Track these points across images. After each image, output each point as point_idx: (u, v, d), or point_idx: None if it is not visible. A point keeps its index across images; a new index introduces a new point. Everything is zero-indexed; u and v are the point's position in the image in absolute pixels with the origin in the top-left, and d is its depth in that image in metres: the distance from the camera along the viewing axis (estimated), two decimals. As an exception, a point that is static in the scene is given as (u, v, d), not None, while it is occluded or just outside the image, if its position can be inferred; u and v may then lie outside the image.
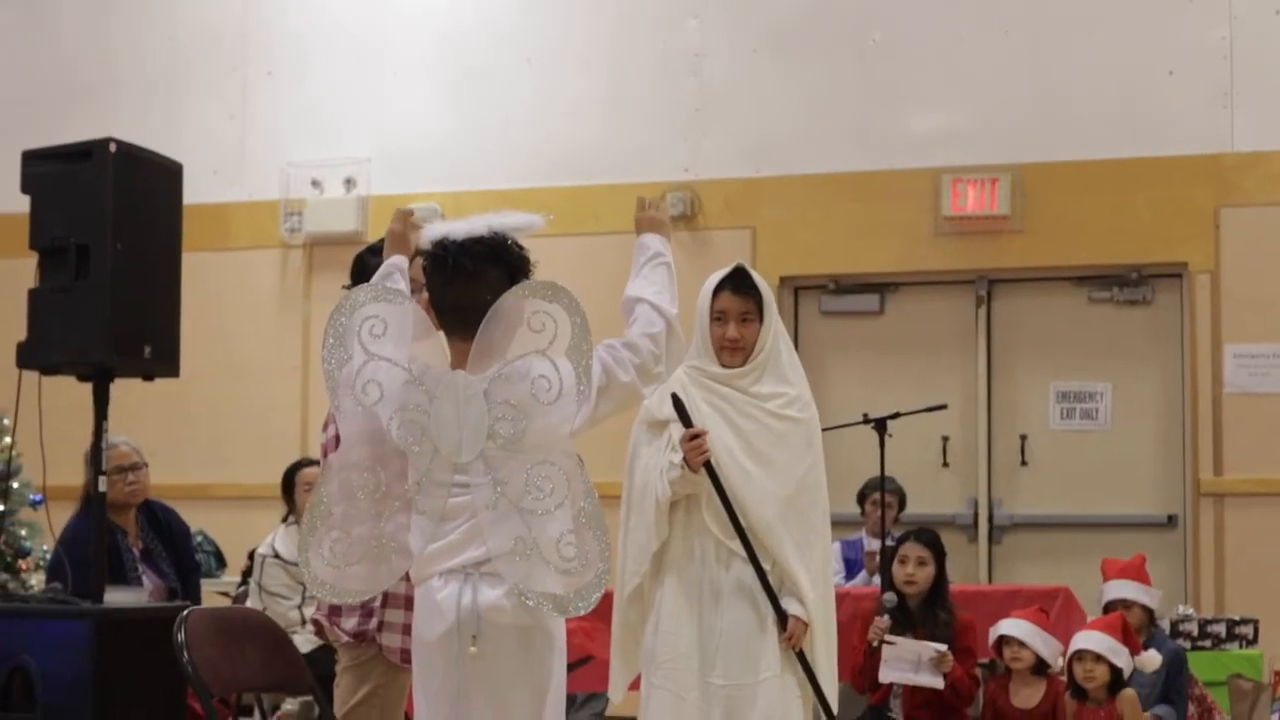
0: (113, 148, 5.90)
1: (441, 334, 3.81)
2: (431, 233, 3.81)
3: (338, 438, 4.40)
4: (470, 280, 3.72)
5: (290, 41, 10.58)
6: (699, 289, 5.13)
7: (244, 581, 8.43)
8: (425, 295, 3.89)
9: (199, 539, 9.19)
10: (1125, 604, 7.22)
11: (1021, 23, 9.54)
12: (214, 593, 8.78)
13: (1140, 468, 9.39)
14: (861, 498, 8.67)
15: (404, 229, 4.08)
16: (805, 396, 5.14)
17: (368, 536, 3.75)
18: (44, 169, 6.00)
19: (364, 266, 4.79)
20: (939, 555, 6.95)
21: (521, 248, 3.80)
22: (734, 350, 5.07)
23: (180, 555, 7.47)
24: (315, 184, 10.33)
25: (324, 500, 3.76)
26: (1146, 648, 6.89)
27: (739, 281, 5.09)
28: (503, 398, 3.64)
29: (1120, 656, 6.53)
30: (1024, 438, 9.52)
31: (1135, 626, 7.01)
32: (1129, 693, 6.58)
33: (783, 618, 4.97)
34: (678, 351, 3.97)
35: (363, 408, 3.73)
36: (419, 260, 3.95)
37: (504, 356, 3.67)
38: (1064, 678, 6.71)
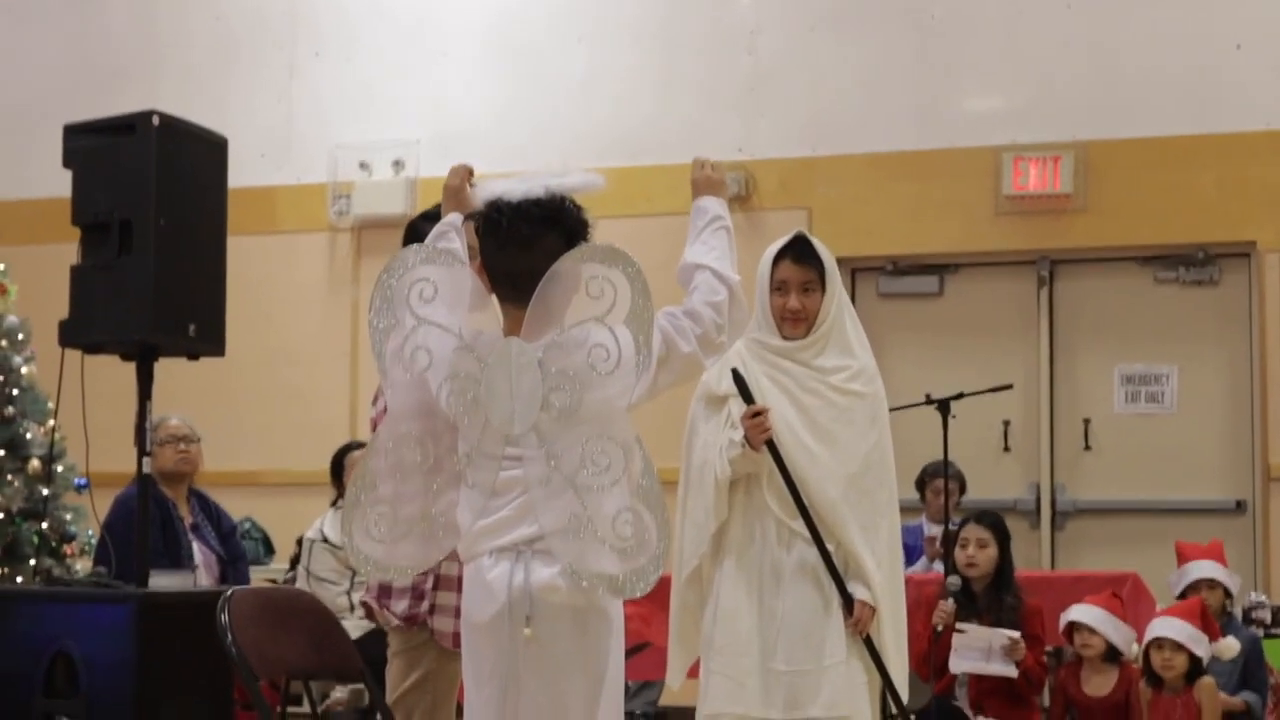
0: (156, 120, 5.80)
1: (494, 298, 3.63)
2: (485, 192, 3.63)
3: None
4: (525, 245, 3.53)
5: (338, 22, 10.46)
6: (754, 270, 4.95)
7: (292, 568, 8.33)
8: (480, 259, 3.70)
9: (247, 525, 9.12)
10: (1210, 584, 7.02)
11: (1083, -3, 9.35)
12: (262, 579, 8.70)
13: (1207, 452, 9.16)
14: (921, 483, 8.51)
15: (462, 184, 3.86)
16: (871, 369, 4.96)
17: (415, 512, 3.59)
18: (86, 143, 5.89)
19: (416, 234, 4.62)
20: (1001, 538, 6.81)
21: (580, 209, 3.61)
22: (796, 321, 4.90)
23: (225, 546, 7.39)
24: (363, 166, 10.20)
25: (369, 474, 3.59)
26: (1222, 635, 6.70)
27: (800, 250, 4.92)
28: (558, 366, 3.45)
29: (1200, 645, 6.36)
30: (1087, 422, 9.31)
31: (1213, 610, 6.83)
32: (1207, 681, 6.40)
33: (849, 601, 4.79)
34: (740, 320, 3.77)
35: (411, 376, 3.56)
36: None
37: (560, 323, 3.49)
38: (1137, 665, 6.52)
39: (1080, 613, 6.58)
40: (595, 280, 3.46)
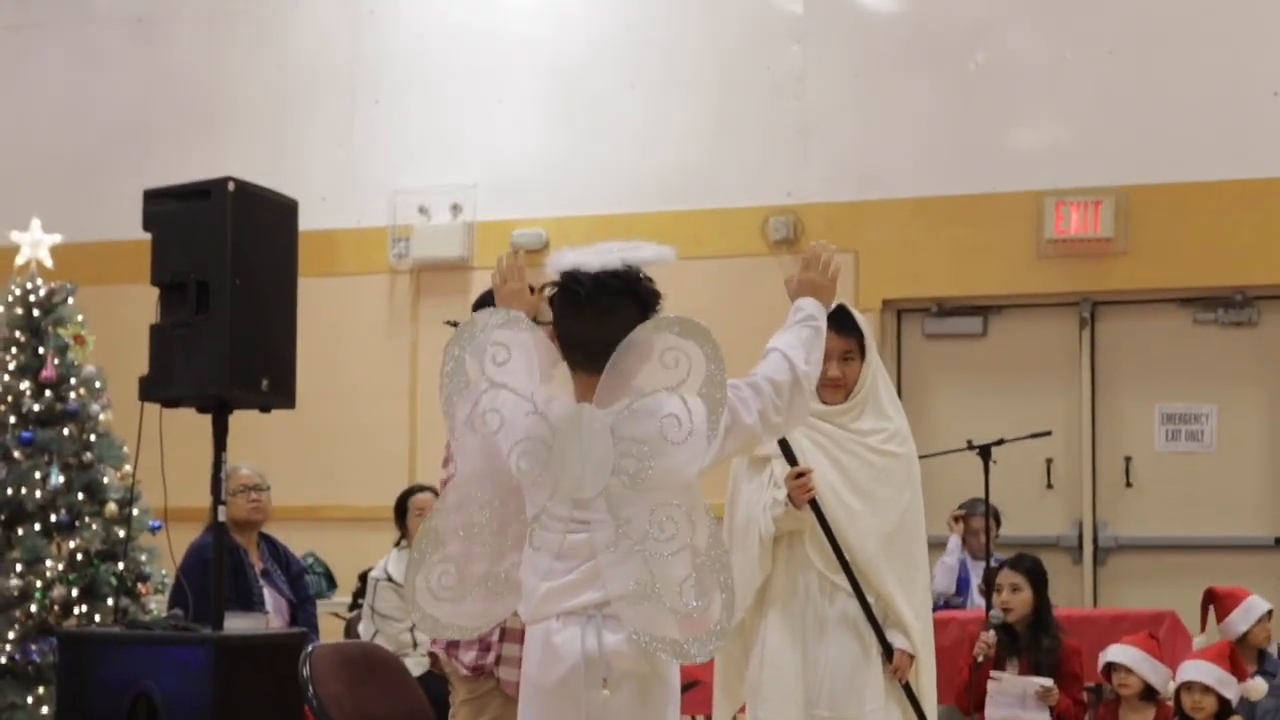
0: (231, 186, 6.05)
1: (565, 365, 3.70)
2: (561, 262, 3.69)
3: (456, 475, 4.44)
4: (603, 315, 3.61)
5: (397, 70, 10.72)
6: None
7: (355, 604, 8.56)
8: (550, 325, 3.76)
9: (309, 560, 9.36)
10: (1270, 615, 7.23)
11: (1124, 45, 9.53)
12: (325, 614, 8.91)
13: (1246, 490, 9.33)
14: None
15: (523, 286, 3.99)
16: (904, 431, 5.20)
17: (479, 572, 3.68)
18: (164, 207, 6.17)
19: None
20: (1036, 581, 6.98)
21: (652, 280, 3.68)
22: (835, 388, 5.13)
23: (294, 589, 7.66)
24: (422, 210, 10.44)
25: (434, 533, 3.69)
26: (1261, 673, 6.87)
27: (841, 321, 5.10)
28: (629, 434, 3.53)
29: (1228, 687, 6.52)
30: (1129, 460, 9.50)
31: (1263, 643, 7.03)
32: (1235, 721, 6.60)
33: (888, 650, 5.03)
34: (800, 407, 3.84)
35: (481, 438, 3.65)
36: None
37: (631, 391, 3.57)
38: (1172, 704, 6.71)
39: (1117, 653, 6.74)
40: (670, 351, 3.53)
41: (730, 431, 3.66)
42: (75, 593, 7.31)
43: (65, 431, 7.53)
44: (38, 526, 7.40)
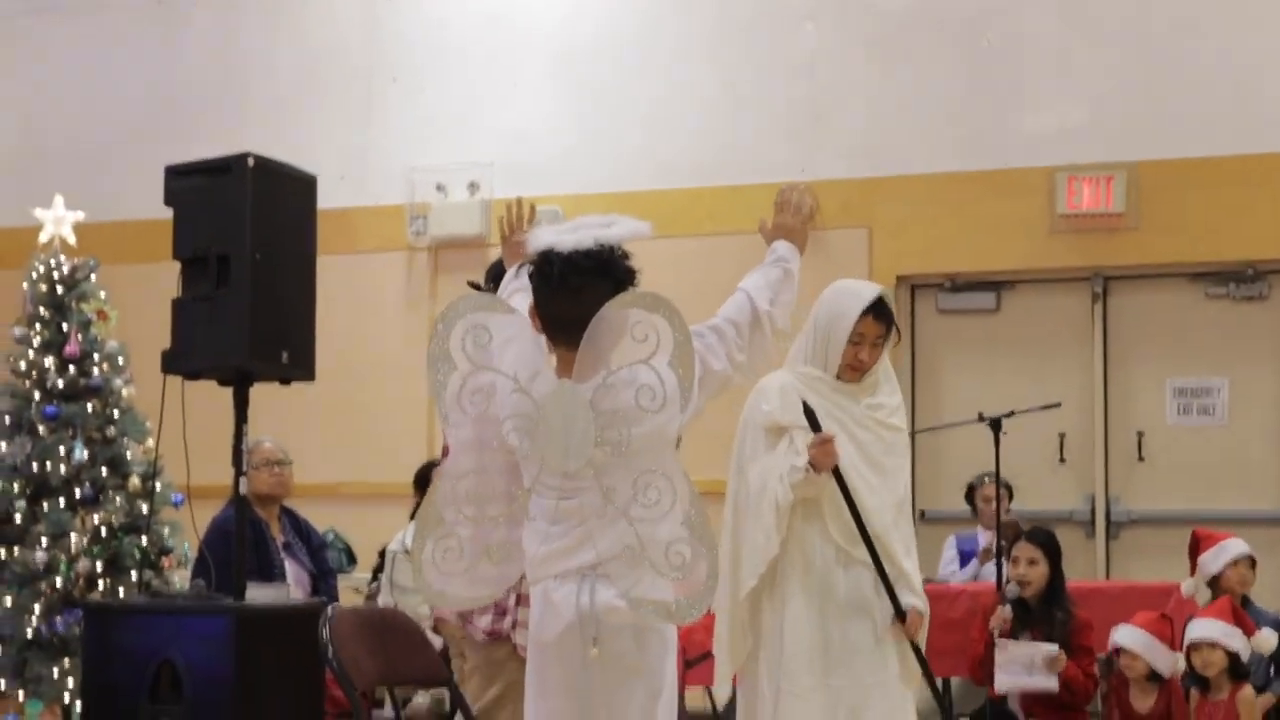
0: (251, 162, 6.14)
1: (546, 341, 3.80)
2: (538, 242, 3.77)
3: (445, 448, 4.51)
4: (575, 294, 3.70)
5: (414, 49, 10.80)
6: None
7: (375, 579, 8.65)
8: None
9: (330, 536, 9.44)
10: (1251, 561, 7.29)
11: (1135, 20, 9.58)
12: (346, 589, 8.99)
13: (1257, 463, 9.39)
14: (969, 493, 8.80)
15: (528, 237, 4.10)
16: (902, 406, 5.34)
17: (482, 542, 3.80)
18: (186, 183, 6.26)
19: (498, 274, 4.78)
20: (1052, 554, 7.04)
21: (627, 256, 3.77)
22: (859, 370, 5.23)
23: (315, 562, 7.74)
24: (440, 188, 10.52)
25: (434, 508, 3.81)
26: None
27: (880, 309, 5.21)
28: (608, 406, 3.64)
29: (1234, 638, 6.59)
30: (1141, 434, 9.56)
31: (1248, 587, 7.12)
32: (1248, 692, 6.63)
33: (900, 615, 5.11)
34: (760, 347, 3.97)
35: (470, 416, 3.75)
36: None
37: (608, 365, 3.67)
38: (1180, 680, 6.76)
39: (1124, 636, 6.80)
40: (640, 325, 3.64)
41: (703, 381, 3.80)
42: (99, 566, 7.42)
43: (89, 406, 7.63)
44: (62, 501, 7.51)
